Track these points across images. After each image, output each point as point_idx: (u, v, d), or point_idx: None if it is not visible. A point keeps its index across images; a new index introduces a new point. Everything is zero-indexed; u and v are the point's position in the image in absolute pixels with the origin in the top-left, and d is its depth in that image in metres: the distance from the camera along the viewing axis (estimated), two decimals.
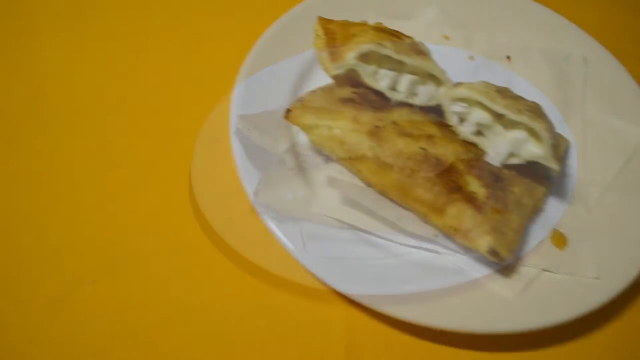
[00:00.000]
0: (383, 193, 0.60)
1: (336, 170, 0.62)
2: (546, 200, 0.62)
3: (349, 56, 0.59)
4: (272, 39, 0.70)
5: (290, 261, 0.57)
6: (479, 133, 0.60)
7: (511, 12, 0.78)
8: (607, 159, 0.66)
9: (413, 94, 0.62)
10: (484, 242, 0.54)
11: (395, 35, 0.64)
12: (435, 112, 0.63)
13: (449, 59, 0.66)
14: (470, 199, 0.56)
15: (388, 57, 0.60)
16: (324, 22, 0.66)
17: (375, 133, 0.58)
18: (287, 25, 0.71)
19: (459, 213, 0.55)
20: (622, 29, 0.84)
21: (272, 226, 0.57)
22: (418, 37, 0.66)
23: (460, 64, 0.73)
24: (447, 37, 0.74)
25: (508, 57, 0.74)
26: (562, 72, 0.73)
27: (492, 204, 0.56)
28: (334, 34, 0.63)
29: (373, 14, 0.74)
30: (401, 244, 0.58)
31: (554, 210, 0.62)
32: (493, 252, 0.54)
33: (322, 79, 0.66)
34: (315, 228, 0.58)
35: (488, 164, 0.60)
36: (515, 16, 0.77)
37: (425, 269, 0.57)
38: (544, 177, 0.62)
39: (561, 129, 0.65)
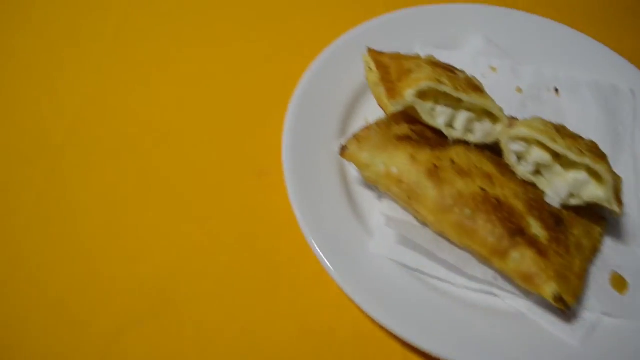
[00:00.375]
0: (440, 233, 0.59)
1: (389, 208, 0.62)
2: (602, 240, 0.61)
3: (408, 93, 0.57)
4: (319, 70, 0.69)
5: (345, 302, 0.56)
6: (537, 172, 0.59)
7: (557, 43, 0.77)
8: None
9: (469, 131, 0.61)
10: (549, 288, 0.53)
11: (449, 69, 0.63)
12: (490, 150, 0.62)
13: (497, 90, 0.65)
14: (533, 243, 0.55)
15: (445, 94, 0.59)
16: (375, 54, 0.64)
17: (433, 172, 0.57)
18: (334, 55, 0.70)
19: (523, 257, 0.54)
20: None
21: (329, 265, 0.56)
22: (465, 68, 0.65)
23: (509, 96, 0.71)
24: (494, 69, 0.73)
25: (556, 90, 0.73)
26: (611, 106, 0.72)
27: (554, 247, 0.55)
28: (388, 68, 0.62)
29: (419, 43, 0.73)
30: (460, 287, 0.57)
31: (610, 251, 0.61)
32: (558, 299, 0.52)
33: (370, 109, 0.66)
34: (370, 267, 0.57)
35: (547, 204, 0.59)
36: (561, 47, 0.77)
37: (485, 312, 0.56)
38: (599, 217, 0.62)
39: (612, 165, 0.64)
